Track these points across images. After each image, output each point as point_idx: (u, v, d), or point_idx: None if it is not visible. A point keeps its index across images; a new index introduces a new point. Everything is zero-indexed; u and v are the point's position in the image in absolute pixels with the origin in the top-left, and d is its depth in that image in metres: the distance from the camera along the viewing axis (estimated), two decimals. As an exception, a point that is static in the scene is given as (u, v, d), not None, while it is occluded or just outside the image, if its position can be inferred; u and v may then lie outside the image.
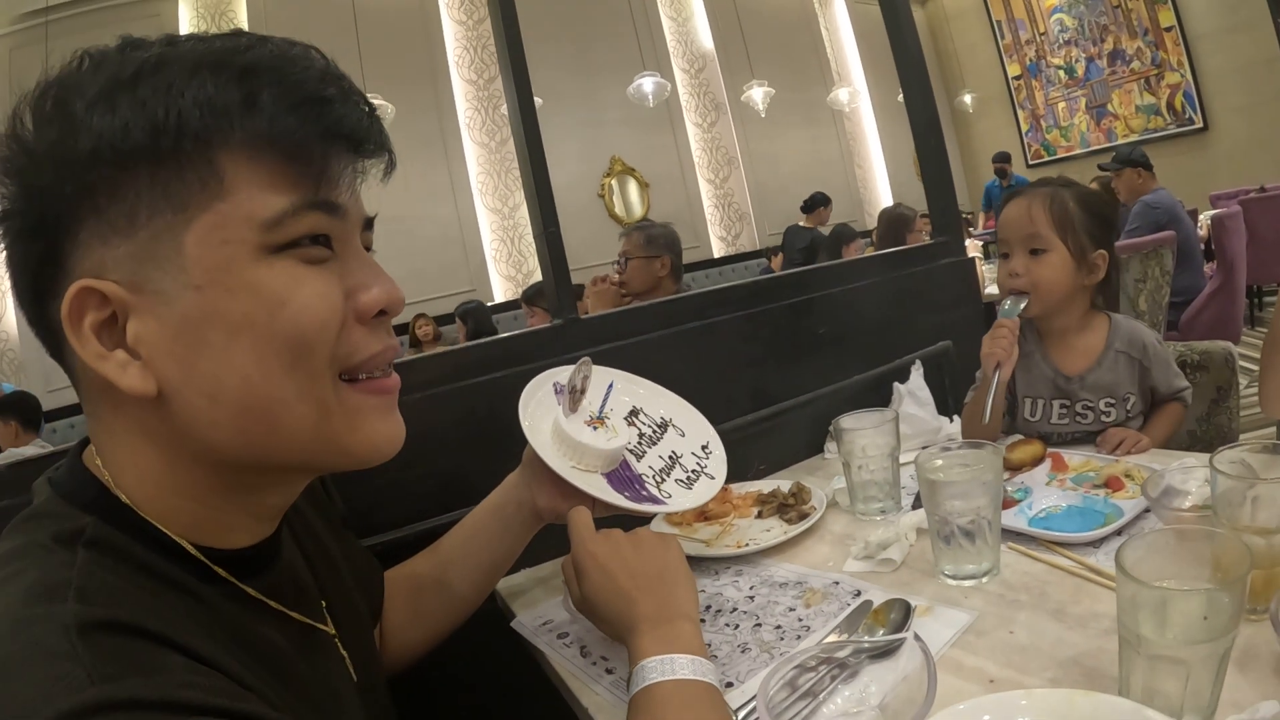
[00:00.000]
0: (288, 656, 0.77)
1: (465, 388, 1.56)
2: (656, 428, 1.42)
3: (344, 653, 0.90)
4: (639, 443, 1.37)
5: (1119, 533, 1.24)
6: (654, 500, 1.26)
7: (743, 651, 1.11)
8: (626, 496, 1.23)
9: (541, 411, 1.29)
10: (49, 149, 0.65)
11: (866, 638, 1.02)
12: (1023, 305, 1.67)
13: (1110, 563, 1.12)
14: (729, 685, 1.03)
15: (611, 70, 8.84)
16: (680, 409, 1.46)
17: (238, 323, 0.67)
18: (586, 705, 1.07)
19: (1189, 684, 0.77)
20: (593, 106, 8.96)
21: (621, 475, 1.28)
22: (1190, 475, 1.26)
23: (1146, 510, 1.28)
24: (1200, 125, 10.00)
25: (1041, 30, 11.32)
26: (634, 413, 1.42)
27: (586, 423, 1.32)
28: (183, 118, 0.64)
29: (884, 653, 0.93)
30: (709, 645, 1.13)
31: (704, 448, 1.41)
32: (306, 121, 0.68)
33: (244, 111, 0.66)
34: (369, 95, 0.77)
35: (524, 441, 1.23)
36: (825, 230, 7.76)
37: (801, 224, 8.12)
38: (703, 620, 1.21)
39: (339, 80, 0.72)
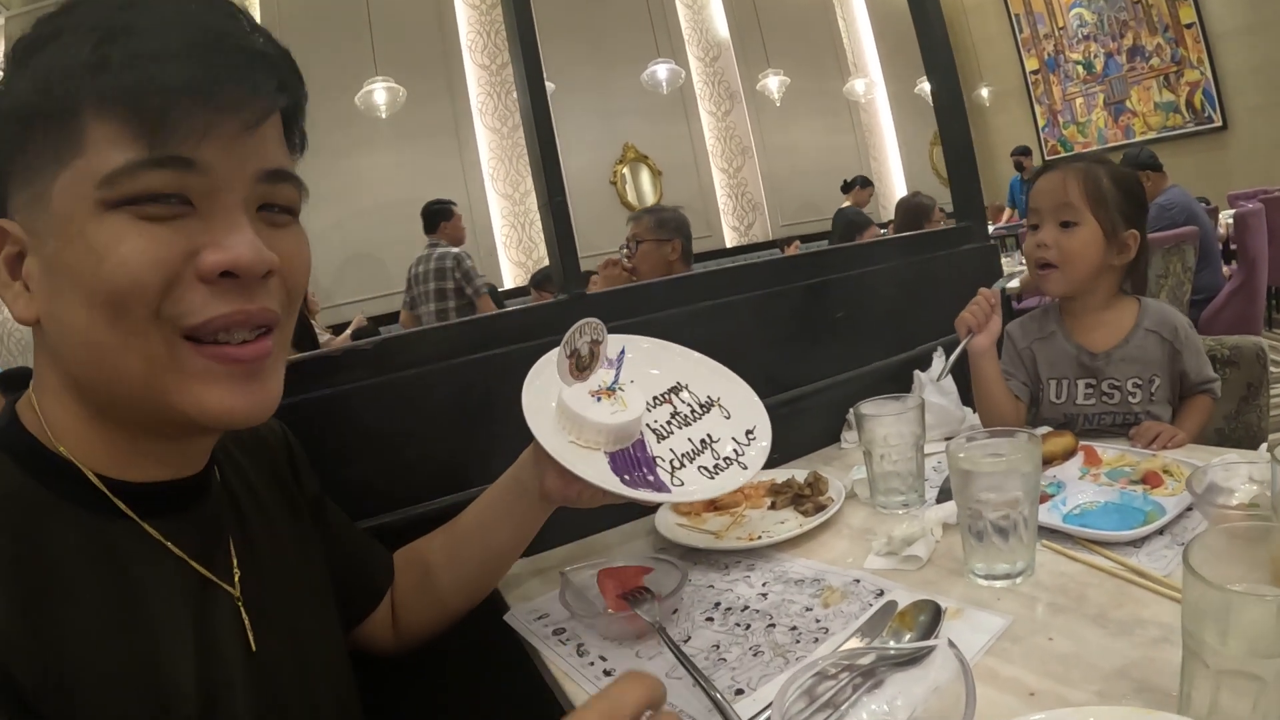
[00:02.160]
0: (160, 599, 0.78)
1: (465, 364, 1.50)
2: (698, 407, 1.30)
3: (245, 618, 0.87)
4: (669, 422, 1.26)
5: (1161, 532, 1.17)
6: (657, 487, 1.14)
7: (755, 655, 1.02)
8: (626, 480, 1.12)
9: (555, 383, 1.20)
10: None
11: (893, 643, 0.94)
12: (1010, 284, 1.63)
13: (1154, 564, 1.08)
14: (739, 693, 0.95)
15: (625, 57, 8.73)
16: (732, 389, 1.34)
17: (72, 273, 0.71)
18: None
19: (1258, 704, 0.68)
20: (606, 93, 8.85)
21: (630, 455, 1.17)
22: (1233, 472, 1.20)
23: (1188, 508, 1.21)
24: (1219, 124, 9.84)
25: (1060, 25, 11.20)
26: (676, 389, 1.31)
27: (594, 393, 1.21)
28: (53, 79, 0.69)
29: (911, 660, 0.85)
30: (717, 646, 1.06)
31: (748, 433, 1.28)
32: (145, 77, 0.69)
33: (97, 71, 0.69)
34: (380, 78, 0.75)
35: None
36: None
37: (844, 205, 8.11)
38: (710, 619, 1.14)
39: (198, 31, 0.73)
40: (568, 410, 1.15)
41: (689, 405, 1.30)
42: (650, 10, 9.19)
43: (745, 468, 1.22)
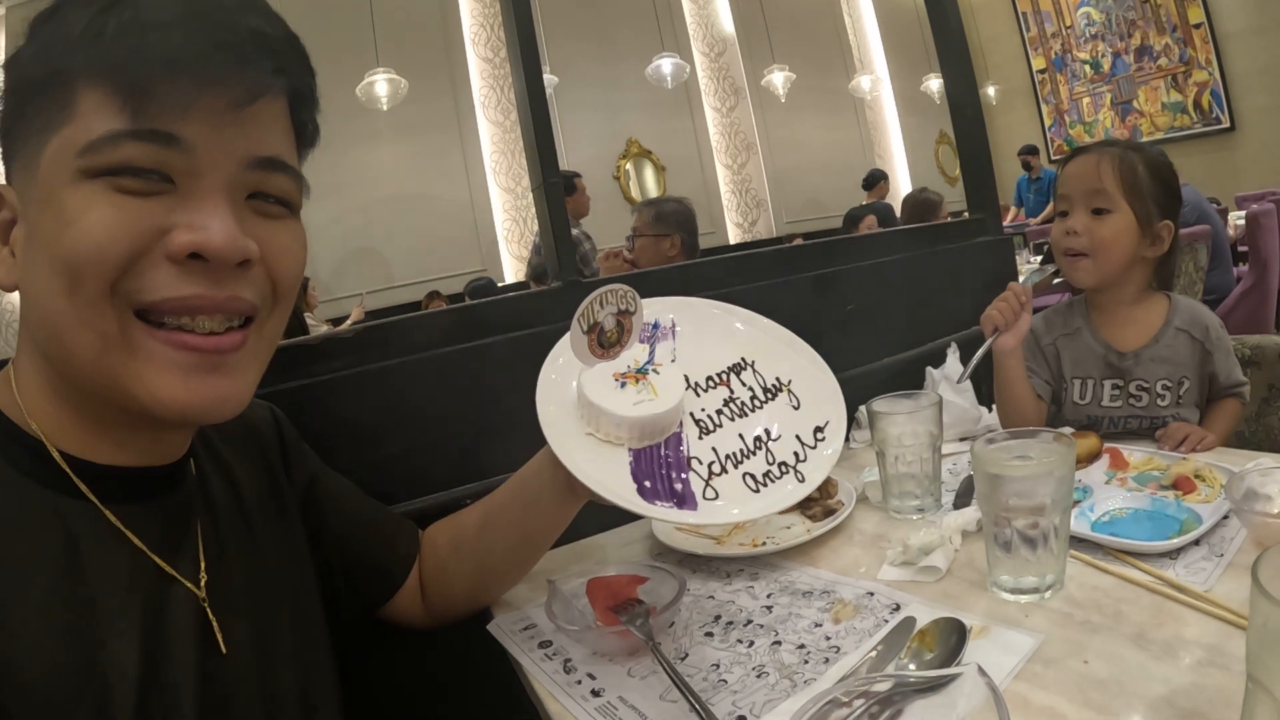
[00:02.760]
0: (109, 586, 0.75)
1: (459, 352, 1.43)
2: (761, 392, 1.12)
3: (212, 619, 0.83)
4: (720, 411, 1.08)
5: (1197, 542, 1.09)
6: (682, 500, 0.97)
7: (759, 676, 0.94)
8: (645, 488, 0.96)
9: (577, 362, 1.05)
10: (7, 70, 0.74)
11: (913, 666, 0.85)
12: (1046, 275, 1.59)
13: (1192, 577, 1.01)
14: (741, 719, 0.86)
15: (630, 51, 8.69)
16: (808, 368, 1.16)
17: (43, 239, 0.70)
18: (566, 735, 0.91)
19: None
20: (610, 87, 8.80)
21: (658, 454, 1.01)
22: (1271, 477, 1.13)
23: (1225, 517, 1.13)
24: (1227, 125, 9.87)
25: (1068, 24, 11.20)
26: (738, 367, 1.14)
27: (619, 376, 1.04)
28: (52, 48, 0.70)
29: (932, 687, 0.76)
30: (717, 665, 0.97)
31: (817, 431, 1.08)
32: (137, 49, 0.68)
33: (91, 40, 0.68)
34: (382, 70, 0.70)
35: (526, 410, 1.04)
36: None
37: (864, 202, 8.05)
38: (710, 634, 1.05)
39: (194, 4, 0.72)
40: (583, 398, 1.01)
41: (750, 389, 1.12)
42: (655, 5, 9.20)
43: (803, 479, 1.03)
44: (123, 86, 0.68)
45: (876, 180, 8.30)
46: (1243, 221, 5.40)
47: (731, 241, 9.77)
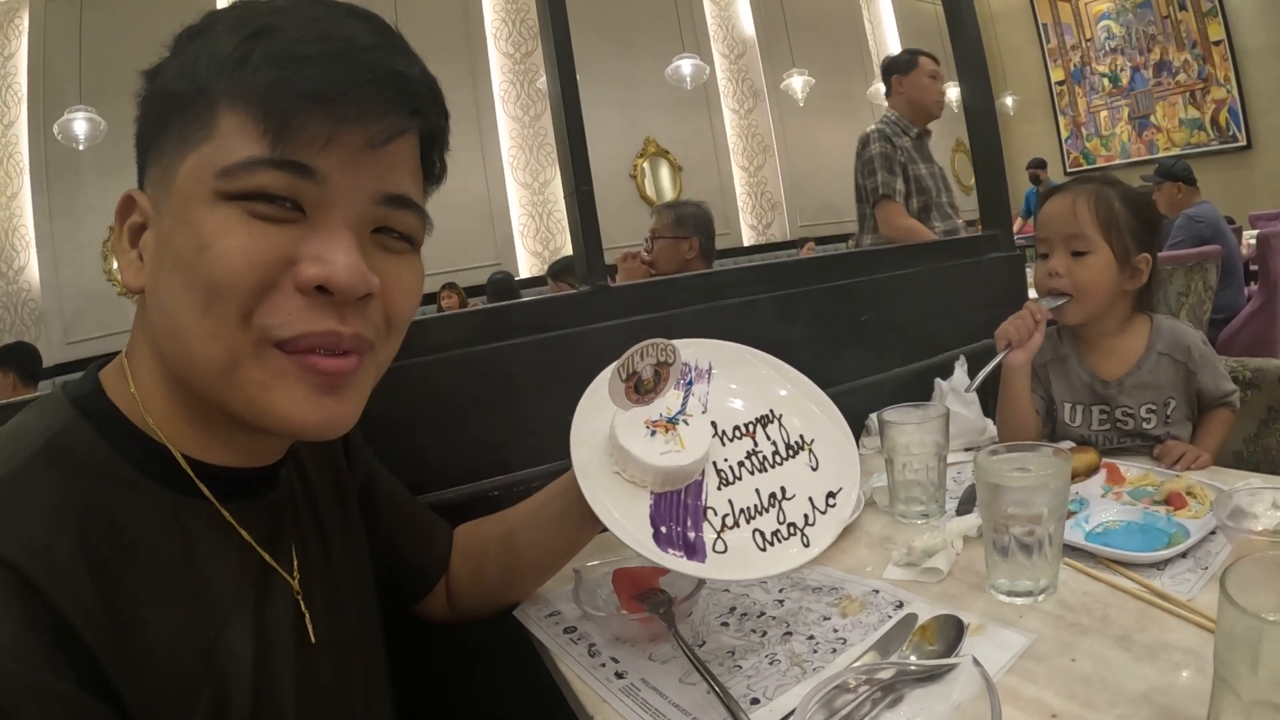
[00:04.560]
0: (227, 580, 0.79)
1: (488, 351, 1.47)
2: (784, 448, 1.14)
3: (304, 610, 0.88)
4: (742, 463, 1.10)
5: (1184, 555, 1.15)
6: (692, 551, 0.99)
7: (771, 664, 1.00)
8: (661, 534, 0.99)
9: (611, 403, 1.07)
10: (148, 79, 0.77)
11: (913, 657, 0.91)
12: (1060, 304, 1.59)
13: (1177, 587, 1.06)
14: (755, 702, 0.93)
15: (650, 51, 8.70)
16: (830, 431, 1.16)
17: (178, 254, 0.72)
18: (592, 714, 0.97)
19: (1291, 738, 0.65)
20: (629, 86, 8.79)
21: (679, 500, 1.03)
22: (1258, 497, 1.16)
23: (1212, 532, 1.19)
24: (1244, 143, 9.80)
25: (1088, 36, 11.13)
26: (766, 419, 1.16)
27: (650, 424, 1.07)
28: (199, 67, 0.72)
29: (931, 676, 0.83)
30: (732, 652, 1.03)
31: (829, 496, 1.08)
32: (280, 79, 0.70)
33: (237, 66, 0.71)
34: None
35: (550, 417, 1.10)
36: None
37: None
38: (726, 624, 1.11)
39: (339, 41, 0.73)
40: (614, 440, 1.04)
41: (774, 444, 1.14)
42: (677, 5, 9.19)
43: (808, 544, 1.03)
44: (265, 115, 0.70)
45: None
46: (1255, 241, 5.40)
47: (745, 244, 9.75)
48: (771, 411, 1.17)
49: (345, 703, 0.92)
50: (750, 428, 1.15)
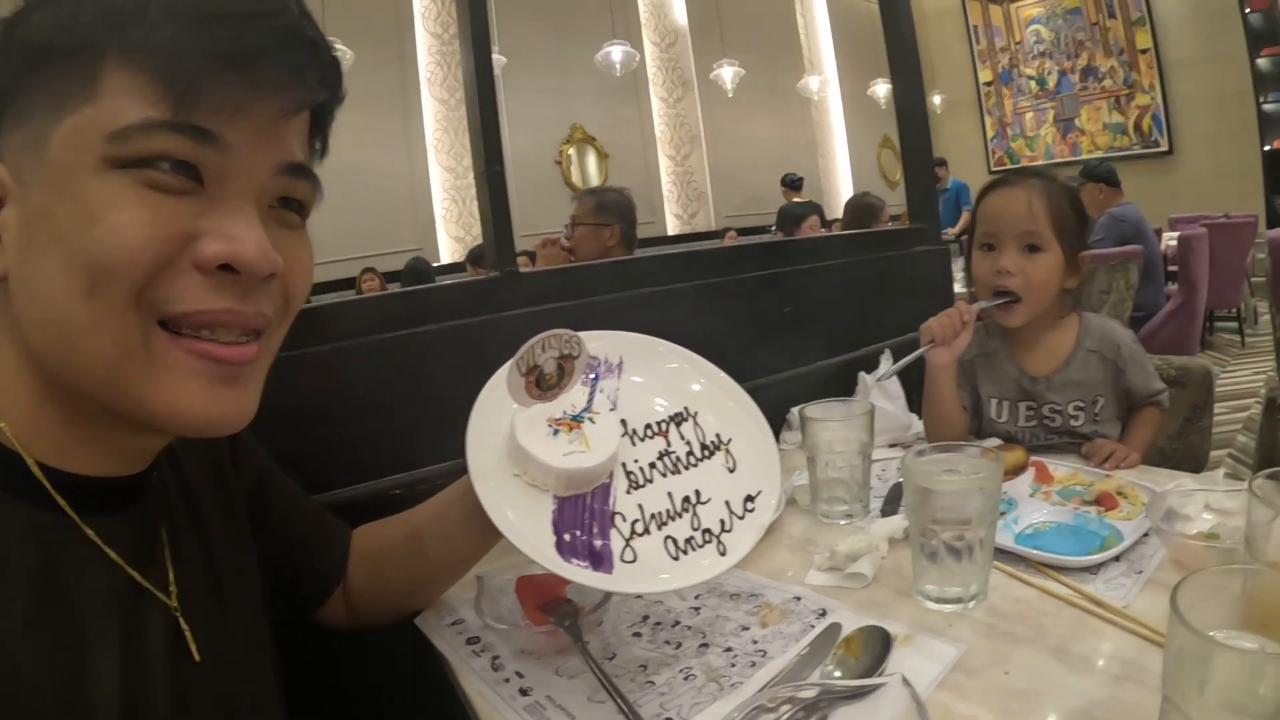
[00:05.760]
0: (91, 606, 0.71)
1: (392, 339, 1.39)
2: (699, 449, 1.07)
3: (184, 627, 0.80)
4: (653, 465, 1.04)
5: (1117, 558, 1.11)
6: (598, 560, 0.92)
7: (686, 679, 0.93)
8: (564, 542, 0.92)
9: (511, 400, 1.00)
10: (5, 29, 0.67)
11: (838, 673, 0.86)
12: (995, 304, 1.56)
13: (1111, 592, 1.03)
14: (667, 722, 0.86)
15: (580, 36, 8.63)
16: (749, 430, 1.09)
17: (57, 230, 0.64)
18: (492, 732, 0.89)
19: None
20: (558, 71, 8.72)
21: (584, 505, 0.97)
22: (1190, 499, 1.18)
23: (1145, 535, 1.16)
24: (1165, 149, 10.12)
25: (1017, 40, 11.36)
26: (680, 417, 1.09)
27: (553, 422, 1.00)
28: (78, 20, 0.64)
29: (857, 694, 0.77)
30: (644, 666, 0.97)
31: (748, 500, 1.02)
32: (185, 36, 0.64)
33: (132, 20, 0.64)
34: (329, 39, 0.70)
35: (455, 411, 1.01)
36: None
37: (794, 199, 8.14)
38: (638, 634, 1.04)
39: (249, 1, 0.67)
40: (514, 440, 0.97)
41: (689, 444, 1.07)
42: (611, -10, 9.12)
43: (724, 553, 0.96)
44: (167, 74, 0.63)
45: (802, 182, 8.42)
46: (1175, 242, 5.60)
47: (670, 233, 9.78)
48: (686, 409, 1.10)
49: (232, 718, 0.85)
50: (663, 426, 1.08)
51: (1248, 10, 8.95)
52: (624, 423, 1.06)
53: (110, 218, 0.63)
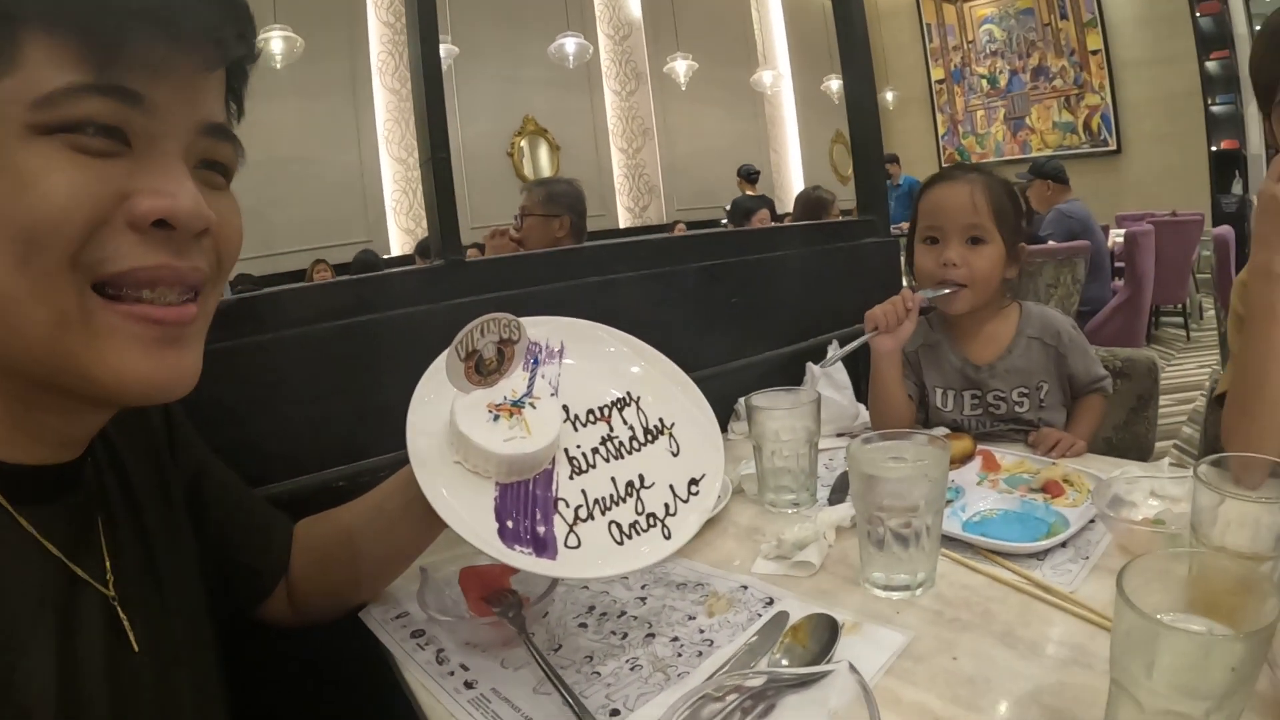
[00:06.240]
0: (25, 603, 0.69)
1: (334, 329, 1.36)
2: (643, 433, 1.06)
3: (123, 618, 0.78)
4: (596, 450, 1.03)
5: (1064, 544, 1.12)
6: (541, 546, 0.91)
7: (632, 669, 0.92)
8: (506, 529, 0.91)
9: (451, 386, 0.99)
10: None
11: (785, 661, 0.85)
12: (940, 294, 1.59)
13: (1058, 578, 1.04)
14: (615, 714, 0.85)
15: (534, 27, 8.61)
16: (694, 414, 1.10)
17: None
18: (436, 726, 0.87)
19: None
20: (511, 62, 8.68)
21: (526, 491, 0.95)
22: (1136, 486, 1.19)
23: (1091, 521, 1.17)
24: (1114, 148, 10.36)
25: (970, 39, 11.53)
26: (622, 403, 1.08)
27: (494, 407, 0.99)
28: None
29: (805, 682, 0.76)
30: (590, 657, 0.95)
31: (692, 484, 1.02)
32: None
33: None
34: (279, 26, 0.65)
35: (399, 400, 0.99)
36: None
37: (748, 193, 8.20)
38: (584, 625, 1.03)
39: None
40: (454, 426, 0.95)
41: (631, 429, 1.06)
42: (564, -19, 9.09)
43: (669, 536, 0.97)
44: (88, 36, 0.62)
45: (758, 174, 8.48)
46: (1122, 239, 5.71)
47: (622, 225, 9.79)
48: (629, 394, 1.09)
49: (172, 711, 0.82)
50: (605, 411, 1.07)
51: (1198, 14, 9.16)
52: (566, 408, 1.04)
53: (41, 183, 0.61)
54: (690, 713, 0.70)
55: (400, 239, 8.08)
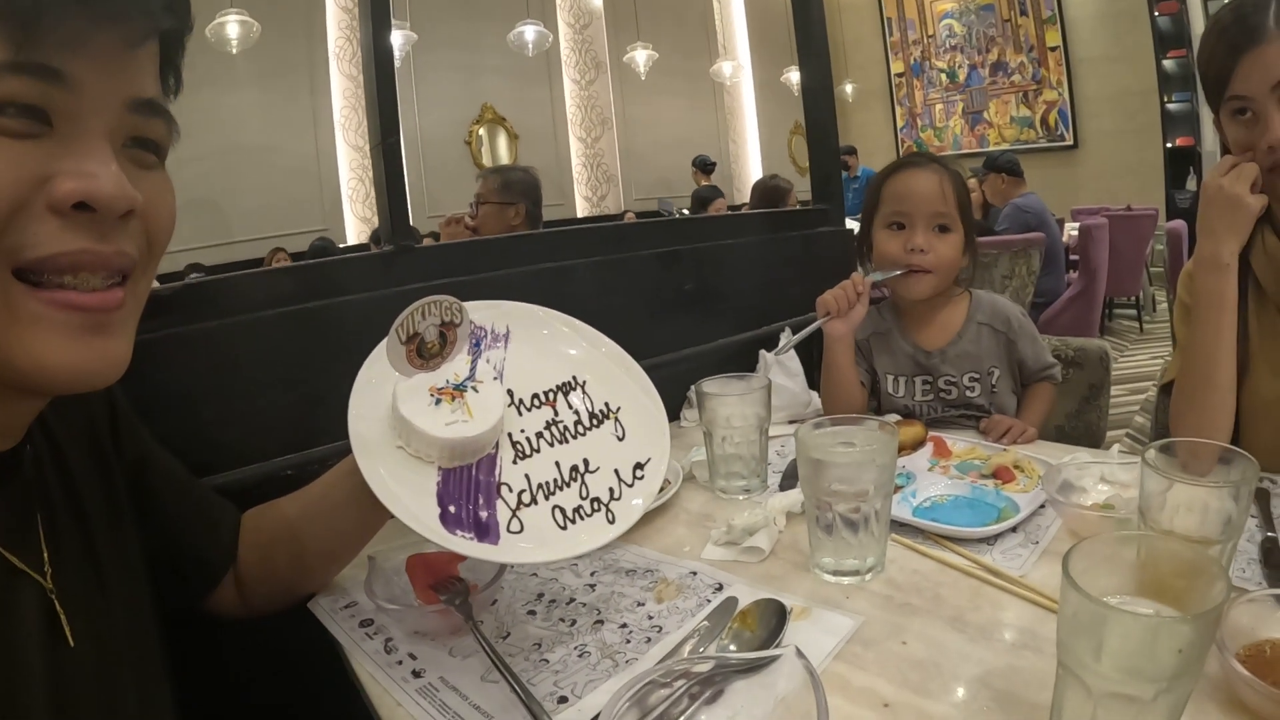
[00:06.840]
0: None
1: (280, 316, 1.33)
2: (588, 417, 1.06)
3: (60, 609, 0.76)
4: (540, 434, 1.02)
5: (1014, 529, 1.13)
6: (483, 532, 0.90)
7: (580, 656, 0.91)
8: (449, 514, 0.90)
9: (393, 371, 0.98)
10: None
11: (733, 647, 0.84)
12: (892, 276, 1.62)
13: (1008, 563, 1.04)
14: (562, 700, 0.84)
15: (493, 15, 8.52)
16: (639, 398, 1.09)
17: None
18: (387, 719, 0.86)
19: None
20: (470, 50, 8.61)
21: (469, 476, 0.94)
22: (1086, 471, 1.21)
23: (1041, 506, 1.18)
24: (1070, 143, 10.47)
25: (930, 33, 11.61)
26: (567, 387, 1.07)
27: (436, 391, 0.97)
28: None
29: (753, 668, 0.76)
30: (539, 644, 0.94)
31: (637, 468, 1.02)
32: None
33: None
34: (235, 11, 0.63)
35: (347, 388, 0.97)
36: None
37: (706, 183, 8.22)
38: (533, 612, 1.02)
39: None
40: (395, 409, 0.94)
41: (576, 414, 1.06)
42: (525, -31, 9.02)
43: (613, 521, 0.96)
44: (6, 14, 0.60)
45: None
46: (1077, 232, 5.81)
47: (579, 214, 9.77)
48: (574, 378, 1.09)
49: (113, 706, 0.81)
50: (550, 395, 1.06)
51: (1156, 13, 9.28)
52: (511, 392, 1.03)
53: None
54: (637, 699, 0.69)
55: (356, 227, 8.00)
